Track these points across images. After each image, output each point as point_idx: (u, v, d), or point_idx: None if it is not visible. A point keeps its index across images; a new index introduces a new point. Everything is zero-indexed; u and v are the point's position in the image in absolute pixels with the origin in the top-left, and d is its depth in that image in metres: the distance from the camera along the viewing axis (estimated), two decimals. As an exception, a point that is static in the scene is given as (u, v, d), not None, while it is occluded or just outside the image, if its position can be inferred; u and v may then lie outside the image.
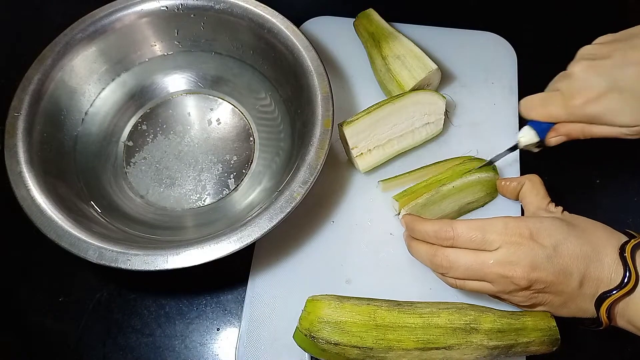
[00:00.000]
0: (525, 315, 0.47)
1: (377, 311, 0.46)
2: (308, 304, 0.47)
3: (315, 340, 0.45)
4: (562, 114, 0.48)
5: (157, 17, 0.61)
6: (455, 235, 0.46)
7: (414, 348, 0.45)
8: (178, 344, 0.53)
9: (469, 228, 0.45)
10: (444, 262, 0.46)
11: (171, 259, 0.46)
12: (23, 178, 0.51)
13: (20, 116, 0.54)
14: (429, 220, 0.49)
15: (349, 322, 0.45)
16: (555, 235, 0.44)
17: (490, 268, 0.44)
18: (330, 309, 0.45)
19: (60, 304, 0.56)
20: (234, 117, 0.63)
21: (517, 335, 0.46)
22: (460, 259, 0.45)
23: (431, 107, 0.59)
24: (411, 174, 0.58)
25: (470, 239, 0.45)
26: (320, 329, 0.45)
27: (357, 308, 0.46)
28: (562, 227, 0.45)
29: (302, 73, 0.56)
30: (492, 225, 0.45)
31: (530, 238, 0.44)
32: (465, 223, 0.46)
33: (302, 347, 0.47)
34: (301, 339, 0.46)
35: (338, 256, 0.56)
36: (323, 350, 0.45)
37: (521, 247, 0.43)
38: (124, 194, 0.59)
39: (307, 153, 0.51)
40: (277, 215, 0.48)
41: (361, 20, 0.67)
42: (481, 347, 0.45)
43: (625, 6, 0.71)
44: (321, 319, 0.45)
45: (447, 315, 0.46)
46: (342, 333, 0.44)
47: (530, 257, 0.43)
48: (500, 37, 0.69)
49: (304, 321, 0.46)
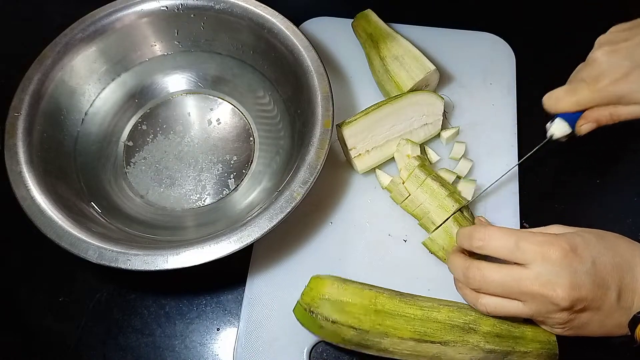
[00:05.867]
0: (526, 324, 0.46)
1: (379, 297, 0.46)
2: (312, 281, 0.48)
3: (314, 315, 0.45)
4: (590, 98, 0.48)
5: (157, 17, 0.61)
6: (486, 236, 0.44)
7: (410, 338, 0.45)
8: (178, 344, 0.54)
9: (502, 232, 0.43)
10: (477, 276, 0.43)
11: (171, 259, 0.46)
12: (23, 178, 0.51)
13: (20, 116, 0.54)
14: (472, 225, 0.49)
15: (350, 303, 0.46)
16: (592, 248, 0.42)
17: (528, 286, 0.41)
18: (333, 288, 0.46)
19: (60, 304, 0.56)
20: (234, 117, 0.63)
21: (515, 343, 0.46)
22: (494, 273, 0.43)
23: (429, 107, 0.59)
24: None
25: (503, 243, 0.43)
26: (321, 305, 0.45)
27: (360, 291, 0.47)
28: (593, 238, 0.43)
29: (302, 73, 0.56)
30: (527, 234, 0.43)
31: (570, 252, 0.41)
32: (500, 227, 0.45)
33: (301, 321, 0.47)
34: (301, 313, 0.47)
35: (336, 257, 0.56)
36: (320, 327, 0.46)
37: (560, 263, 0.41)
38: (124, 194, 0.59)
39: (307, 153, 0.51)
40: (277, 215, 0.48)
41: (359, 21, 0.68)
42: (477, 349, 0.45)
43: (625, 7, 0.71)
44: (323, 296, 0.46)
45: (447, 311, 0.46)
46: (341, 312, 0.45)
47: (571, 274, 0.40)
48: (498, 37, 0.70)
49: (305, 296, 0.47)
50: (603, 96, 0.48)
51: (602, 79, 0.48)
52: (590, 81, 0.49)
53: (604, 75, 0.48)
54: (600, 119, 0.49)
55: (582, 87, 0.49)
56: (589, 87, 0.49)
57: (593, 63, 0.49)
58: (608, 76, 0.47)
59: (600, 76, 0.48)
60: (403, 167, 0.57)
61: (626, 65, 0.46)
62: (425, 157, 0.59)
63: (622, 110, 0.48)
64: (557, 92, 0.51)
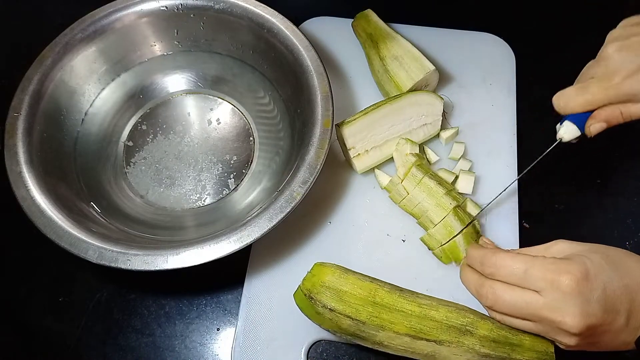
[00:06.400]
0: (525, 333, 0.46)
1: (379, 290, 0.47)
2: (315, 267, 0.48)
3: (313, 301, 0.46)
4: (602, 96, 0.47)
5: (156, 17, 0.61)
6: (497, 264, 0.43)
7: (405, 334, 0.45)
8: (178, 344, 0.54)
9: (513, 259, 0.43)
10: (490, 295, 0.43)
11: (171, 259, 0.47)
12: (23, 178, 0.51)
13: (20, 116, 0.54)
14: (481, 246, 0.48)
15: (349, 293, 0.46)
16: (601, 274, 0.41)
17: (537, 311, 0.41)
18: (334, 276, 0.47)
19: (60, 304, 0.56)
20: (233, 117, 0.64)
21: (511, 350, 0.45)
22: (506, 294, 0.42)
23: (429, 108, 0.59)
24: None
25: (512, 271, 0.42)
26: (320, 292, 0.46)
27: (360, 282, 0.47)
28: (603, 262, 0.42)
29: (302, 73, 0.56)
30: (536, 261, 0.42)
31: (581, 281, 0.40)
32: (510, 254, 0.44)
33: (299, 305, 0.48)
34: (300, 298, 0.47)
35: (335, 256, 0.56)
36: (318, 314, 0.46)
37: (571, 292, 0.40)
38: (124, 194, 0.59)
39: (306, 153, 0.51)
40: (277, 215, 0.48)
41: (359, 21, 0.68)
42: (472, 351, 0.45)
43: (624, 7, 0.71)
44: (323, 283, 0.46)
45: (445, 311, 0.46)
46: (340, 301, 0.45)
47: (581, 303, 0.40)
48: (498, 38, 0.70)
49: (306, 282, 0.47)
50: (615, 94, 0.47)
51: (614, 76, 0.46)
52: (601, 78, 0.47)
53: (616, 72, 0.46)
54: (610, 118, 0.48)
55: (593, 84, 0.48)
56: (600, 84, 0.47)
57: (604, 60, 0.47)
58: (620, 73, 0.46)
59: (612, 73, 0.46)
60: (400, 165, 0.57)
61: (638, 62, 0.45)
62: (423, 156, 0.59)
63: (634, 108, 0.47)
64: (567, 92, 0.49)
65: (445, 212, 0.53)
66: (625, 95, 0.46)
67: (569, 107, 0.49)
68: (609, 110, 0.48)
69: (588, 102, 0.48)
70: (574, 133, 0.50)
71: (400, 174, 0.57)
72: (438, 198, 0.54)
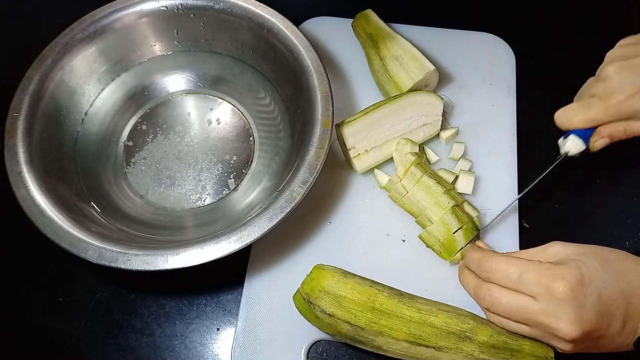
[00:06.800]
0: (525, 338, 0.46)
1: (378, 295, 0.47)
2: (314, 271, 0.48)
3: (311, 306, 0.46)
4: (604, 115, 0.49)
5: (156, 17, 0.61)
6: (493, 268, 0.44)
7: (404, 340, 0.45)
8: (178, 344, 0.54)
9: (508, 263, 0.44)
10: (487, 297, 0.44)
11: (171, 259, 0.47)
12: (23, 178, 0.51)
13: (20, 116, 0.54)
14: (479, 248, 0.49)
15: (348, 299, 0.46)
16: (597, 279, 0.41)
17: (533, 316, 0.42)
18: (333, 281, 0.47)
19: (60, 304, 0.56)
20: (233, 117, 0.64)
21: (510, 355, 0.45)
22: (502, 297, 0.43)
23: (429, 108, 0.59)
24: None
25: (507, 275, 0.43)
26: (319, 297, 0.46)
27: (359, 287, 0.47)
28: (598, 266, 0.42)
29: (302, 73, 0.56)
30: (532, 265, 0.43)
31: (575, 287, 0.41)
32: (505, 258, 0.44)
33: (299, 308, 0.48)
34: (300, 301, 0.47)
35: (335, 257, 0.56)
36: (317, 317, 0.46)
37: (566, 298, 0.40)
38: (124, 194, 0.59)
39: (306, 153, 0.51)
40: (277, 215, 0.48)
41: (359, 21, 0.68)
42: (471, 357, 0.45)
43: (624, 7, 0.71)
44: (322, 288, 0.46)
45: (445, 317, 0.46)
46: (339, 307, 0.45)
47: (576, 309, 0.40)
48: (498, 38, 0.70)
49: (306, 285, 0.47)
50: (617, 112, 0.48)
51: (615, 95, 0.48)
52: (603, 97, 0.49)
53: (617, 91, 0.48)
54: (614, 134, 0.49)
55: (595, 103, 0.49)
56: (602, 103, 0.49)
57: (605, 80, 0.49)
58: (621, 93, 0.47)
59: (613, 93, 0.48)
60: (400, 164, 0.57)
61: (638, 82, 0.47)
62: (423, 155, 0.59)
63: (636, 126, 0.49)
64: (569, 109, 0.51)
65: (444, 210, 0.53)
66: (626, 114, 0.48)
67: (573, 124, 0.51)
68: (613, 127, 0.49)
69: (591, 119, 0.49)
70: (580, 147, 0.51)
71: (399, 173, 0.57)
72: (437, 197, 0.54)
